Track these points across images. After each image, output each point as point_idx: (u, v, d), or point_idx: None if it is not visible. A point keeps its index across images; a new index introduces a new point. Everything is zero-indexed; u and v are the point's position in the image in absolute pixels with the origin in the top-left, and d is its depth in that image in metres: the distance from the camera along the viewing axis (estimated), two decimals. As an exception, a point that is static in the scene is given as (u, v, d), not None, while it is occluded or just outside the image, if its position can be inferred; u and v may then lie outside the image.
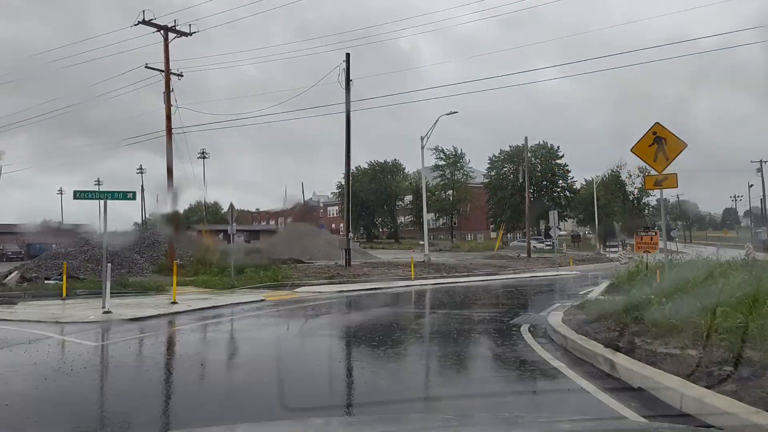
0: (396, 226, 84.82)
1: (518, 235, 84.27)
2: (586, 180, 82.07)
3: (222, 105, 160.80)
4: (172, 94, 22.84)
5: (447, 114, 29.42)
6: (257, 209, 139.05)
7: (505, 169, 73.35)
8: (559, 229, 31.86)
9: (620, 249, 43.91)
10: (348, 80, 27.24)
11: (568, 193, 72.29)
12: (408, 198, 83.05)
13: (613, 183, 69.62)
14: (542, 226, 70.35)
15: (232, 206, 20.72)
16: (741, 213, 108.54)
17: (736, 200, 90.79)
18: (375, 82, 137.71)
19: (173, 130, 22.83)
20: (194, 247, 27.48)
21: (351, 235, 29.10)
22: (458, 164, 77.54)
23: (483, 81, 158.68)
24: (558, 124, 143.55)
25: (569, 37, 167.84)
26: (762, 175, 64.09)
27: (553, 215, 29.06)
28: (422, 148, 29.42)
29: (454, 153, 77.00)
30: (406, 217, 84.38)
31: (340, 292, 18.59)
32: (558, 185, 71.88)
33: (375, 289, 19.89)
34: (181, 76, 23.87)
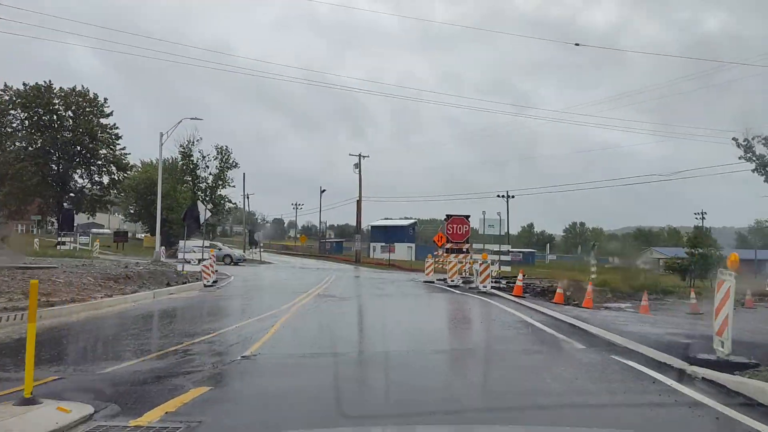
0: None
1: (34, 227, 57.22)
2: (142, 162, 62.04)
3: None
4: None
5: None
6: None
7: (12, 115, 46.09)
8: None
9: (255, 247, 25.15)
10: None
11: (114, 169, 49.88)
12: None
13: (185, 167, 51.06)
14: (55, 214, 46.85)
15: None
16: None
17: (296, 208, 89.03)
18: None
19: None
20: None
21: None
22: None
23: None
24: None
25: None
26: (360, 172, 54.88)
27: None
28: None
29: None
30: None
31: None
32: (100, 155, 48.82)
33: None
34: None
